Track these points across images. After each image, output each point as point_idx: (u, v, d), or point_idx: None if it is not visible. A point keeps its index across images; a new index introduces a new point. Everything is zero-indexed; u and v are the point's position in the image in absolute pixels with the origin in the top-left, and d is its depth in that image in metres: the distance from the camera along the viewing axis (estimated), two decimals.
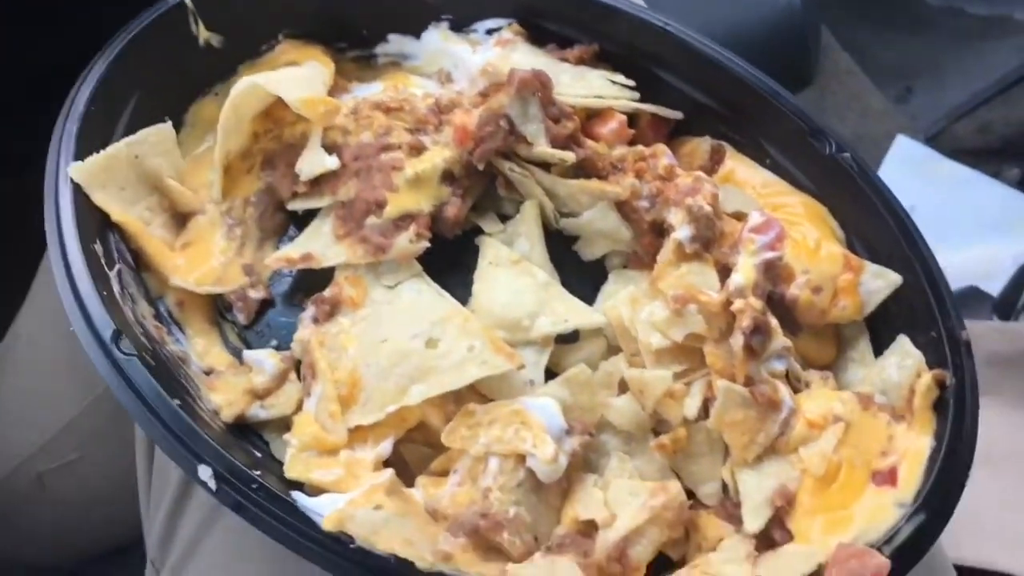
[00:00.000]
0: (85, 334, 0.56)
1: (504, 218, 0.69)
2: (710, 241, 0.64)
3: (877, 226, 0.65)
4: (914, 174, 1.19)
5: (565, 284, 0.66)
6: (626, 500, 0.58)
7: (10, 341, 1.03)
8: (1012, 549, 0.81)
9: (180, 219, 0.68)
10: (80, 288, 0.56)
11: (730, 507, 0.59)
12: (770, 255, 0.64)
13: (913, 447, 0.58)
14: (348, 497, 0.53)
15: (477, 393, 0.61)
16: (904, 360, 0.62)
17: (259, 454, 0.59)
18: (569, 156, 0.65)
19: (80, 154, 0.61)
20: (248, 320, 0.65)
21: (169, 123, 0.67)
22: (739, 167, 0.71)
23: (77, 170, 0.60)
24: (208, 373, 0.62)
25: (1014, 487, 0.80)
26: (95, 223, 0.61)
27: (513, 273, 0.65)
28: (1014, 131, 1.46)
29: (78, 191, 0.60)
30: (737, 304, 0.60)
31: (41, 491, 1.02)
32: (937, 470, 0.56)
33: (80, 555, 1.10)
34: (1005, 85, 1.49)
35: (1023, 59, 1.51)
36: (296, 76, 0.69)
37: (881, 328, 0.65)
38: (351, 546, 0.51)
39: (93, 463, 1.00)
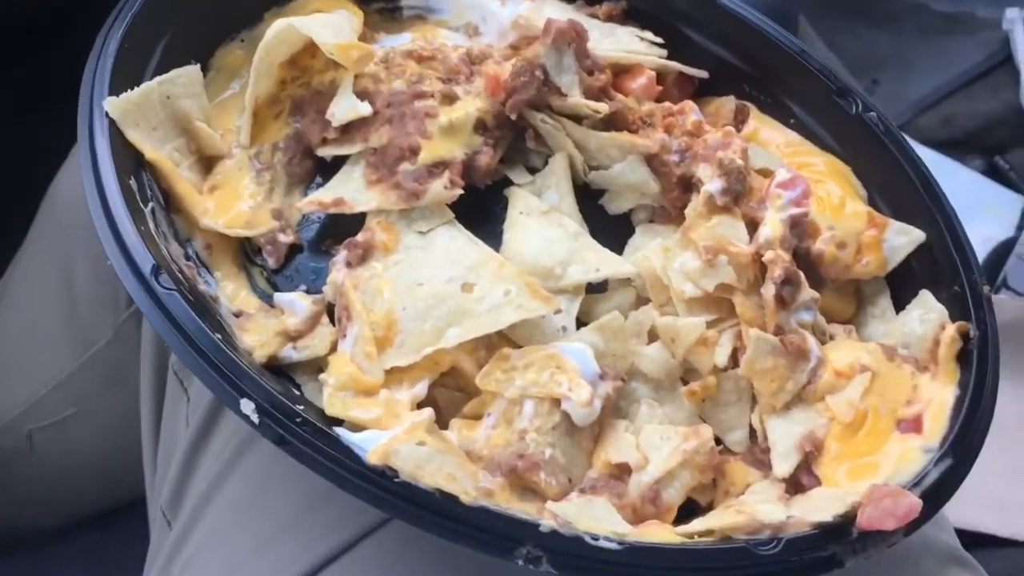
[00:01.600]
0: (123, 269, 0.55)
1: (532, 170, 0.70)
2: (740, 195, 0.65)
3: (901, 184, 0.67)
4: None
5: (592, 237, 0.66)
6: (658, 444, 0.59)
7: (1, 293, 1.01)
8: (997, 513, 0.84)
9: (206, 163, 0.67)
10: (118, 222, 0.56)
11: (758, 453, 0.61)
12: (796, 211, 0.65)
13: (938, 396, 0.59)
14: (390, 434, 0.54)
15: (508, 340, 0.62)
16: (927, 314, 0.63)
17: (297, 392, 0.59)
18: (603, 107, 0.66)
19: (114, 91, 0.61)
20: (278, 264, 0.65)
21: (198, 66, 0.67)
22: (763, 127, 0.72)
23: (112, 104, 0.60)
24: (238, 316, 0.62)
25: (1000, 456, 0.82)
26: (129, 160, 0.61)
27: (544, 223, 0.66)
28: (976, 124, 1.49)
29: (113, 127, 0.60)
30: (768, 255, 0.62)
31: (29, 451, 1.00)
32: (962, 417, 0.58)
33: (72, 517, 1.08)
34: (967, 80, 1.53)
35: (985, 55, 1.55)
36: (328, 22, 0.68)
37: (901, 284, 0.67)
38: (396, 480, 0.51)
39: (88, 421, 0.99)
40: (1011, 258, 1.05)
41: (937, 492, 0.56)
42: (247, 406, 0.52)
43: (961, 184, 1.36)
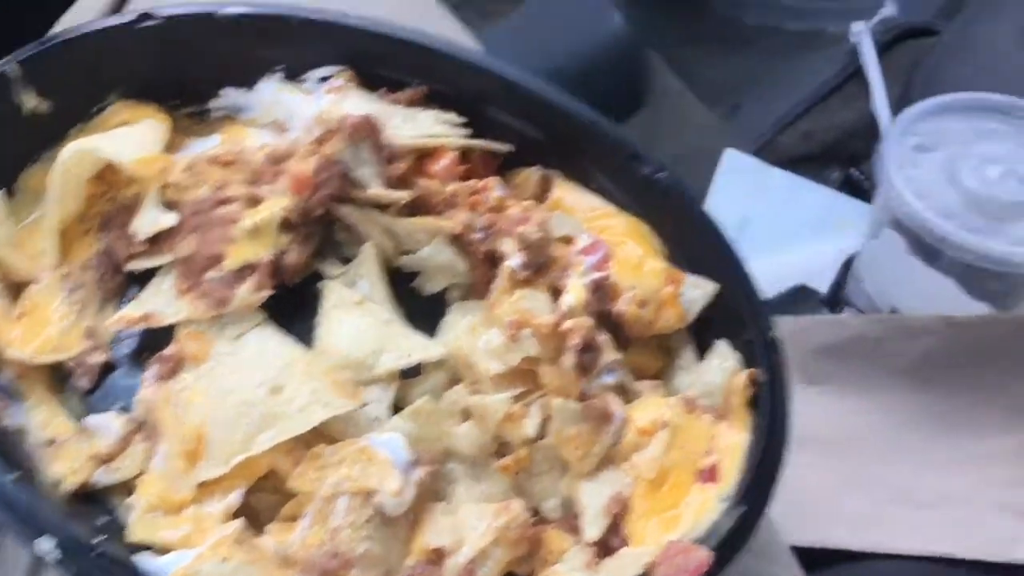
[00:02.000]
0: None
1: (347, 260, 0.71)
2: (543, 267, 0.68)
3: (692, 238, 0.70)
4: (744, 184, 1.27)
5: (409, 319, 0.68)
6: (475, 524, 0.60)
7: None
8: (850, 527, 0.87)
9: (15, 290, 0.68)
10: None
11: (572, 520, 0.62)
12: (598, 275, 0.68)
13: (732, 443, 0.62)
14: (195, 552, 0.54)
15: (326, 436, 0.63)
16: (723, 363, 0.66)
17: (106, 519, 0.59)
18: (403, 195, 0.68)
19: None
20: (91, 385, 0.65)
21: (2, 192, 0.67)
22: (567, 194, 0.75)
23: None
24: (51, 443, 0.62)
25: (850, 469, 0.86)
26: None
27: (356, 314, 0.67)
28: (833, 137, 1.56)
29: None
30: (566, 324, 0.64)
31: None
32: (754, 462, 0.61)
33: None
34: (823, 94, 1.61)
35: (836, 69, 1.63)
36: (128, 136, 0.69)
37: (704, 335, 0.70)
38: None
39: None
40: (849, 278, 1.09)
41: (732, 539, 0.58)
42: (43, 545, 0.52)
43: (817, 201, 1.41)
